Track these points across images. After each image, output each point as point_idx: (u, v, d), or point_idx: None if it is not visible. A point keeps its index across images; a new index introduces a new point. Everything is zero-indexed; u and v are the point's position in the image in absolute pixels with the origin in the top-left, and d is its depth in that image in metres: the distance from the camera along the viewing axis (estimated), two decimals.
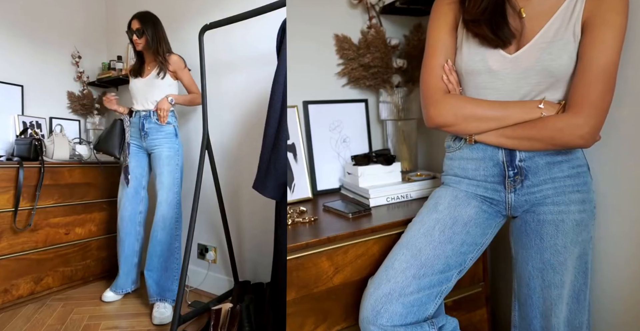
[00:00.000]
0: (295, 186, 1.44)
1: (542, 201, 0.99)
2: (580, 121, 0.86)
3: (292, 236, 1.03)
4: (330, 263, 1.03)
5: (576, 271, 0.97)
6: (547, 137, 0.89)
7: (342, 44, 1.56)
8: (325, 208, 1.30)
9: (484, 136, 0.98)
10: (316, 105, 1.56)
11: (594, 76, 0.85)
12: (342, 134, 1.60)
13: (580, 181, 0.98)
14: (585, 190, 0.98)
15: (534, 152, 0.97)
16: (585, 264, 0.98)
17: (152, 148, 1.90)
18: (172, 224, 1.87)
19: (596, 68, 0.85)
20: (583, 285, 0.98)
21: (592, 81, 0.85)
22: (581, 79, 0.87)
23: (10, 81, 2.33)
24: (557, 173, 0.97)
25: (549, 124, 0.89)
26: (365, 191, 1.32)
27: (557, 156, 0.97)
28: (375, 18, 1.59)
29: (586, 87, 0.86)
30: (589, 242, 0.98)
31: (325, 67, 1.59)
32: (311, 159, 1.53)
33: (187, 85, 1.97)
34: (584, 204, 0.97)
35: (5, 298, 1.87)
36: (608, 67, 0.85)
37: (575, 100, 0.87)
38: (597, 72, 0.85)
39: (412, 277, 0.94)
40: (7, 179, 1.89)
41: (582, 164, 1.00)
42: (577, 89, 0.88)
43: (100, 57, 2.84)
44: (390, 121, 1.63)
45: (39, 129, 2.40)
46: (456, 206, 1.04)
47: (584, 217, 0.96)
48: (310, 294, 1.02)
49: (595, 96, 0.85)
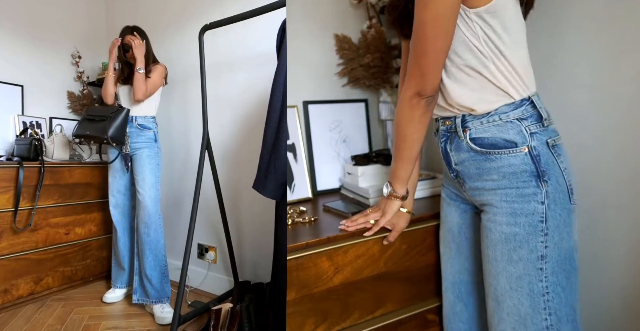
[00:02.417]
0: (295, 186, 1.44)
1: (482, 205, 0.94)
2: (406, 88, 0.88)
3: (292, 236, 1.03)
4: (330, 263, 1.03)
5: (518, 294, 0.85)
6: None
7: (342, 44, 1.57)
8: (325, 208, 1.30)
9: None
10: (316, 105, 1.56)
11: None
12: (342, 134, 1.60)
13: (515, 191, 0.85)
14: (521, 201, 0.84)
15: (464, 157, 0.93)
16: (530, 286, 0.83)
17: (133, 151, 1.92)
18: (157, 221, 1.89)
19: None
20: (529, 308, 0.84)
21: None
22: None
23: (10, 81, 2.33)
24: (487, 181, 0.90)
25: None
26: (365, 191, 1.32)
27: (485, 162, 0.89)
28: (375, 18, 1.59)
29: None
30: (536, 262, 0.83)
31: (325, 67, 1.59)
32: (311, 159, 1.53)
33: (151, 78, 1.91)
34: (516, 217, 0.84)
35: (5, 298, 1.87)
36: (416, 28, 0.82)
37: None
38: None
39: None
40: (7, 179, 1.89)
41: (518, 172, 0.85)
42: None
43: (100, 57, 2.84)
44: (390, 121, 1.63)
45: (39, 129, 2.40)
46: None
47: (517, 231, 0.84)
48: (310, 294, 1.02)
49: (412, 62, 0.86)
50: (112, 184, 1.99)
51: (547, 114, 0.86)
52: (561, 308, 0.83)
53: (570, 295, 0.85)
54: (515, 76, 0.85)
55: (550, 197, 0.83)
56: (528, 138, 0.84)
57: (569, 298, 0.85)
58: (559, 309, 0.83)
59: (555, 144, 0.85)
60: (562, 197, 0.84)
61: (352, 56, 1.56)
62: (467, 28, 0.84)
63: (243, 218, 2.02)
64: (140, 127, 1.92)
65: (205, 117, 1.72)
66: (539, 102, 0.86)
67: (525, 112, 0.85)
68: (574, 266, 0.85)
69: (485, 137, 0.88)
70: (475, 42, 0.84)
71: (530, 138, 0.84)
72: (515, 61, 0.84)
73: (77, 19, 2.74)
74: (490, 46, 0.84)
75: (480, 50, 0.84)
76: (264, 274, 1.92)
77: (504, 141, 0.86)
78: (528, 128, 0.84)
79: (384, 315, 1.12)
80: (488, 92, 0.87)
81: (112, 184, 1.99)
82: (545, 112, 0.86)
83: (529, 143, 0.84)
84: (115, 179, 1.98)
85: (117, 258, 2.04)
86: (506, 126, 0.86)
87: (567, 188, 0.84)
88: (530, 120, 0.85)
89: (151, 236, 1.85)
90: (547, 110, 0.88)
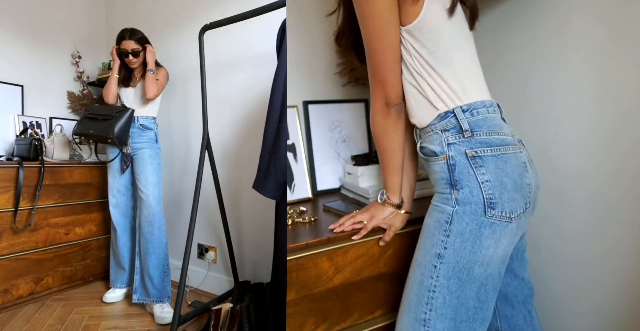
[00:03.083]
0: (295, 186, 1.44)
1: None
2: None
3: (292, 236, 1.03)
4: (330, 263, 1.03)
5: (412, 280, 0.92)
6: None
7: None
8: (325, 208, 1.30)
9: None
10: (316, 105, 1.56)
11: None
12: (342, 134, 1.60)
13: (440, 195, 0.92)
14: (441, 202, 0.90)
15: (422, 161, 1.00)
16: (422, 278, 0.89)
17: (135, 151, 1.93)
18: (161, 220, 1.90)
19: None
20: (415, 297, 0.89)
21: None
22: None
23: (10, 81, 2.33)
24: (431, 184, 0.99)
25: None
26: (365, 191, 1.32)
27: (427, 167, 0.96)
28: None
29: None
30: (433, 258, 0.88)
31: (325, 67, 1.59)
32: (311, 159, 1.53)
33: (159, 80, 1.94)
34: (433, 211, 0.92)
35: (5, 298, 1.87)
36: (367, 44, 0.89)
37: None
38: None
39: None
40: (7, 179, 1.89)
41: (439, 178, 0.91)
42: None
43: (100, 57, 2.84)
44: None
45: (39, 129, 2.40)
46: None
47: (429, 223, 0.91)
48: (310, 294, 1.01)
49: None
50: (112, 184, 1.99)
51: (471, 126, 0.86)
52: (443, 308, 0.86)
53: (456, 300, 0.86)
54: (447, 89, 0.88)
55: (460, 204, 0.85)
56: (446, 148, 0.88)
57: (454, 302, 0.86)
58: (440, 308, 0.86)
59: (477, 155, 0.85)
60: (474, 208, 0.83)
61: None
62: (403, 47, 0.89)
63: (243, 218, 2.02)
64: (142, 128, 1.93)
65: (205, 117, 1.72)
66: (462, 114, 0.87)
67: (448, 124, 0.89)
68: (473, 278, 0.85)
69: (424, 146, 0.95)
70: (408, 59, 0.89)
71: (448, 148, 0.88)
72: (446, 74, 0.87)
73: (77, 19, 2.74)
74: (421, 62, 0.88)
75: (413, 67, 0.90)
76: (264, 274, 1.92)
77: (430, 151, 0.92)
78: (447, 139, 0.88)
79: (384, 315, 1.12)
80: (423, 108, 0.92)
81: (112, 184, 1.99)
82: (467, 125, 0.86)
83: (446, 153, 0.88)
84: (115, 179, 1.99)
85: (117, 258, 2.04)
86: (433, 136, 0.91)
87: (482, 200, 0.83)
88: (452, 131, 0.88)
89: (155, 235, 1.86)
90: (487, 122, 0.86)
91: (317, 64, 1.57)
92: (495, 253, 0.84)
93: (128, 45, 1.87)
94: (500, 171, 0.83)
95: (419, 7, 0.83)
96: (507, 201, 0.82)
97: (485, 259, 0.84)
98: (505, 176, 0.83)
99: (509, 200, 0.82)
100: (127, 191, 2.02)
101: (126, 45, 1.87)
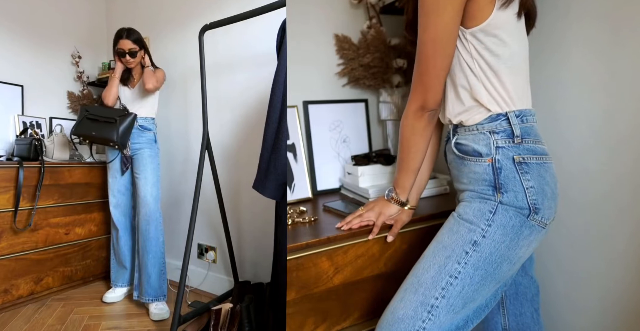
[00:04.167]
0: (295, 186, 1.44)
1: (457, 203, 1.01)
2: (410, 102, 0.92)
3: (292, 236, 1.03)
4: (330, 263, 1.03)
5: (432, 261, 0.89)
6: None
7: (342, 44, 1.56)
8: (325, 208, 1.30)
9: None
10: (316, 105, 1.56)
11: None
12: (342, 134, 1.60)
13: (477, 194, 0.91)
14: (479, 201, 0.90)
15: (451, 158, 1.00)
16: (446, 261, 0.87)
17: (134, 151, 1.93)
18: (158, 218, 1.91)
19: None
20: (430, 279, 0.87)
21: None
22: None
23: (10, 81, 2.33)
24: (461, 183, 0.98)
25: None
26: (365, 191, 1.32)
27: (461, 166, 0.96)
28: (375, 18, 1.59)
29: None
30: (466, 244, 0.87)
31: (325, 67, 1.59)
32: (311, 159, 1.53)
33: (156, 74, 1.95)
34: (471, 204, 0.91)
35: (5, 298, 1.87)
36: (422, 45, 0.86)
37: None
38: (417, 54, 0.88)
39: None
40: (7, 179, 1.89)
41: (480, 179, 0.91)
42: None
43: (100, 57, 2.84)
44: (390, 121, 1.63)
45: (39, 129, 2.40)
46: None
47: (467, 212, 0.90)
48: (310, 294, 1.02)
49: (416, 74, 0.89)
50: (112, 184, 1.99)
51: (522, 132, 0.87)
52: (457, 298, 0.85)
53: (472, 293, 0.85)
54: (503, 92, 0.88)
55: (504, 205, 0.86)
56: (493, 151, 0.88)
57: (468, 295, 0.85)
58: (454, 297, 0.85)
59: (524, 161, 0.86)
60: (518, 211, 0.85)
61: (352, 56, 1.56)
62: (463, 48, 0.88)
63: (243, 218, 2.02)
64: (141, 128, 1.93)
65: (205, 117, 1.72)
66: (515, 120, 0.88)
67: (498, 127, 0.88)
68: (497, 274, 0.86)
69: (463, 143, 0.94)
70: (469, 61, 0.88)
71: (496, 151, 0.88)
72: (506, 77, 0.87)
73: (77, 19, 2.74)
74: (482, 64, 0.87)
75: (471, 69, 0.88)
76: (264, 274, 1.92)
77: (473, 150, 0.91)
78: (496, 141, 0.88)
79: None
80: (474, 109, 0.91)
81: (112, 184, 1.99)
82: (519, 130, 0.87)
83: (493, 156, 0.88)
84: (115, 179, 1.99)
85: (118, 257, 2.05)
86: (479, 136, 0.90)
87: (527, 204, 0.85)
88: (502, 135, 0.88)
89: (152, 233, 1.87)
90: (533, 130, 0.89)
91: (317, 64, 1.57)
92: (524, 255, 0.87)
93: (125, 45, 1.87)
94: (542, 179, 0.86)
95: (489, 11, 0.83)
96: (547, 208, 0.86)
97: (515, 258, 0.86)
98: (546, 184, 0.86)
99: (547, 207, 0.86)
100: (127, 191, 2.02)
101: (123, 45, 1.87)
